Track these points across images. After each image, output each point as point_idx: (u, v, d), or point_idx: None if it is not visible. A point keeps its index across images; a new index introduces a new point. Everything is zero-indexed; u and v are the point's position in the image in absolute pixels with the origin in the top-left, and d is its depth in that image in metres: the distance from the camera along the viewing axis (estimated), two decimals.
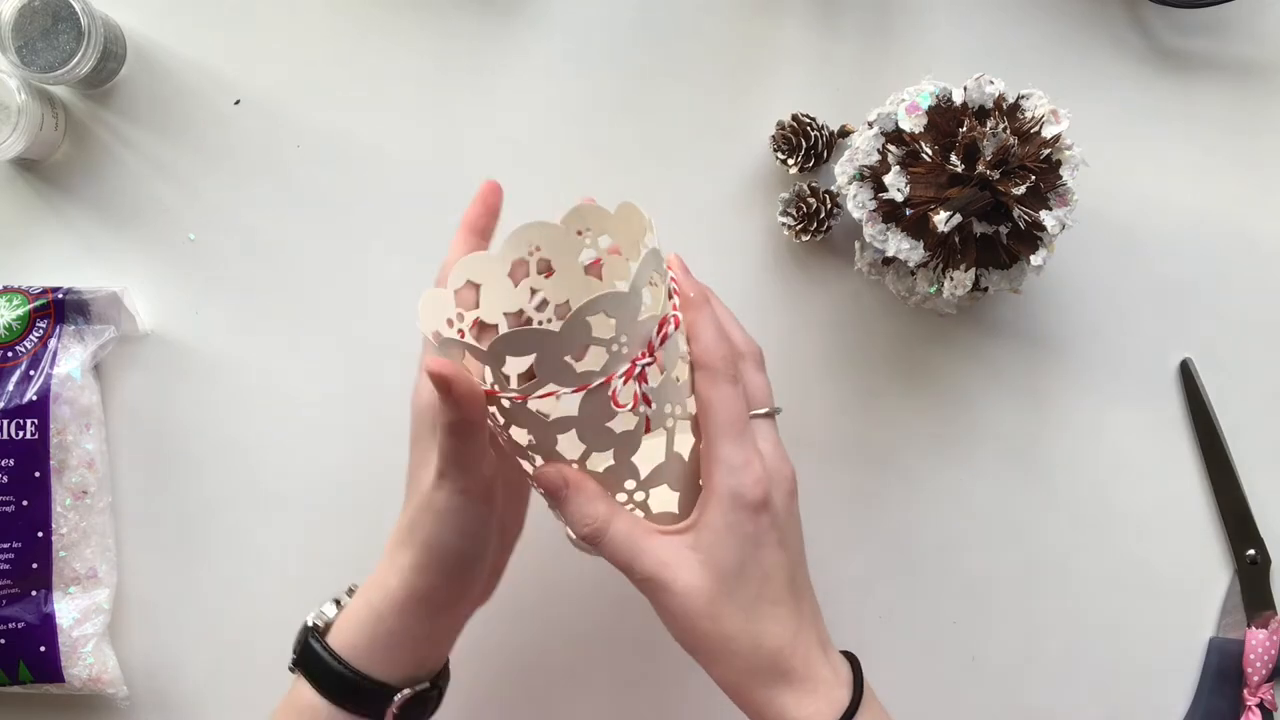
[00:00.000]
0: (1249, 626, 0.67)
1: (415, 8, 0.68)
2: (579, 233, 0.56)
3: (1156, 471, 0.68)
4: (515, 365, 0.52)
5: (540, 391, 0.49)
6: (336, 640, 0.53)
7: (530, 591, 0.68)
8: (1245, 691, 0.67)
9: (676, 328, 0.51)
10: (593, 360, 0.49)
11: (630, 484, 0.52)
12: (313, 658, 0.53)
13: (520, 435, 0.51)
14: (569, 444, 0.51)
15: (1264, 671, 0.66)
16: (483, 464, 0.52)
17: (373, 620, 0.53)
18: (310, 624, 0.54)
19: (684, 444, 0.53)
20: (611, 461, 0.51)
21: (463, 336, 0.55)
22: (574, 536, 0.52)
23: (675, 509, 0.53)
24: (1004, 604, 0.68)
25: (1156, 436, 0.68)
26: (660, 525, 0.53)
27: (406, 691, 0.53)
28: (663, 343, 0.50)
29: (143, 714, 0.68)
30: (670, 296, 0.52)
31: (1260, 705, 0.67)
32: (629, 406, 0.49)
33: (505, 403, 0.50)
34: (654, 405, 0.50)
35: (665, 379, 0.50)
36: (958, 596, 0.68)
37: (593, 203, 0.56)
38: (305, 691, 0.53)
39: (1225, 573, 0.68)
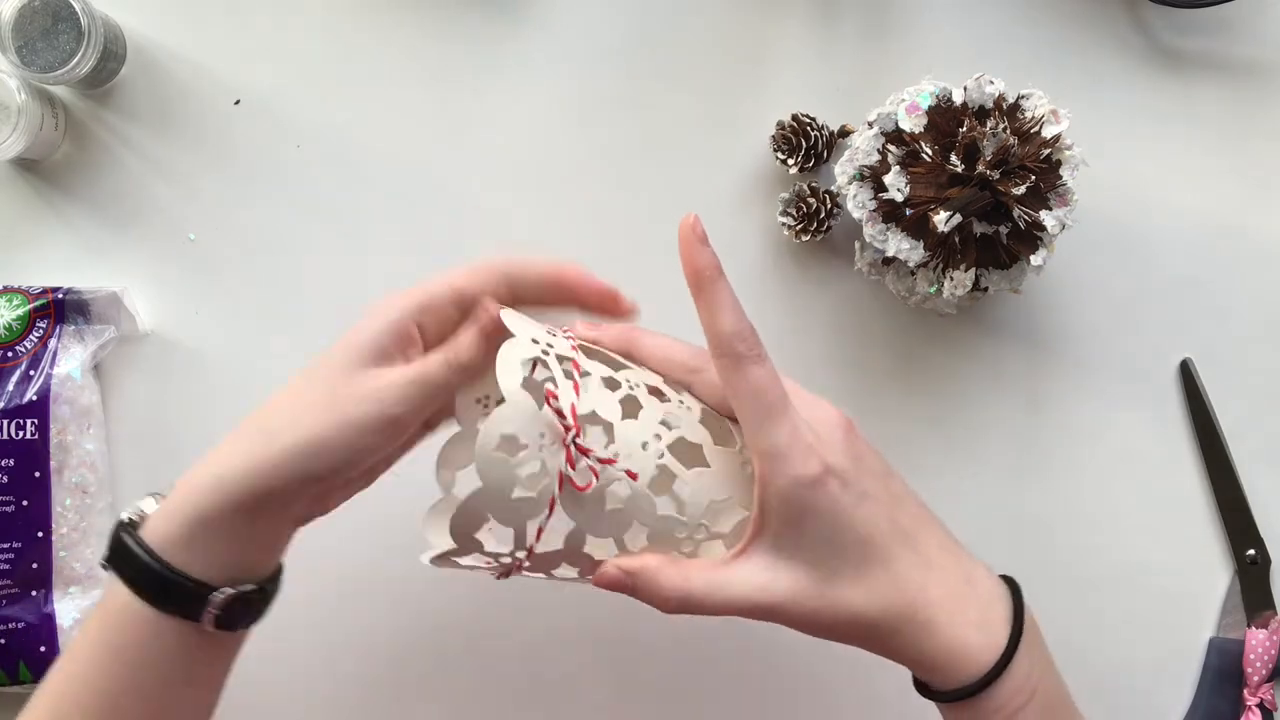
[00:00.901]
0: (1249, 626, 0.67)
1: (416, 8, 0.68)
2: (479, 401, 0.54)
3: (1156, 471, 0.68)
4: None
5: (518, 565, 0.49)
6: (151, 534, 0.48)
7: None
8: (1245, 691, 0.67)
9: (579, 372, 0.48)
10: (529, 483, 0.47)
11: (681, 532, 0.49)
12: (124, 552, 0.48)
13: (561, 572, 0.50)
14: (597, 546, 0.49)
15: (1264, 671, 0.66)
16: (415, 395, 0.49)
17: (194, 514, 0.48)
18: (125, 518, 0.49)
19: (693, 435, 0.49)
20: (645, 529, 0.49)
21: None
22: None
23: (739, 504, 0.50)
24: None
25: (1156, 436, 0.68)
26: (738, 529, 0.50)
27: (229, 590, 0.48)
28: (572, 417, 0.47)
29: None
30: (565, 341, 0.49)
31: (1260, 705, 0.67)
32: (596, 481, 0.47)
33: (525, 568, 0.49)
34: (619, 457, 0.47)
35: (610, 423, 0.48)
36: None
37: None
38: (119, 591, 0.48)
39: (1225, 573, 0.68)
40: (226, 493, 0.48)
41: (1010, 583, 0.51)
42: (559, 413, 0.47)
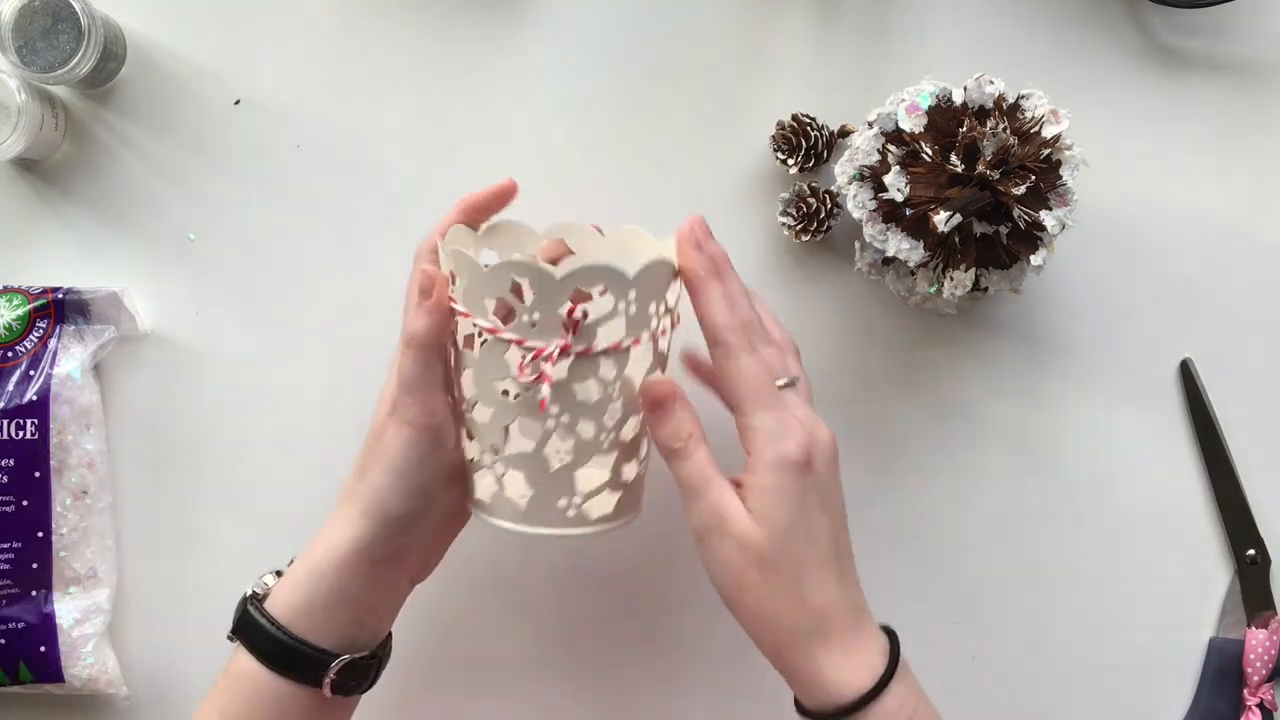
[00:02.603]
0: (1249, 626, 0.67)
1: (416, 8, 0.68)
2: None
3: (1156, 471, 0.68)
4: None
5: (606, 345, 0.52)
6: (275, 605, 0.54)
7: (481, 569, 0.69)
8: (1245, 691, 0.67)
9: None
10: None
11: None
12: (249, 624, 0.54)
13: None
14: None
15: (1264, 671, 0.66)
16: (436, 402, 0.53)
17: (313, 579, 0.53)
18: (250, 592, 0.55)
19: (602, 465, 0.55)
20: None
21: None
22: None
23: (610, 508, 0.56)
24: (1004, 604, 0.68)
25: (1156, 436, 0.68)
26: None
27: (344, 657, 0.53)
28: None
29: (143, 714, 0.68)
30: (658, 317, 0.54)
31: (1260, 705, 0.67)
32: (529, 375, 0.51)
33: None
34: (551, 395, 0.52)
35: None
36: (958, 596, 0.68)
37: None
38: (244, 660, 0.54)
39: (1225, 573, 0.68)
40: (337, 559, 0.53)
41: (889, 631, 0.54)
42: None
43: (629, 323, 0.52)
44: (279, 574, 0.56)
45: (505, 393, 0.53)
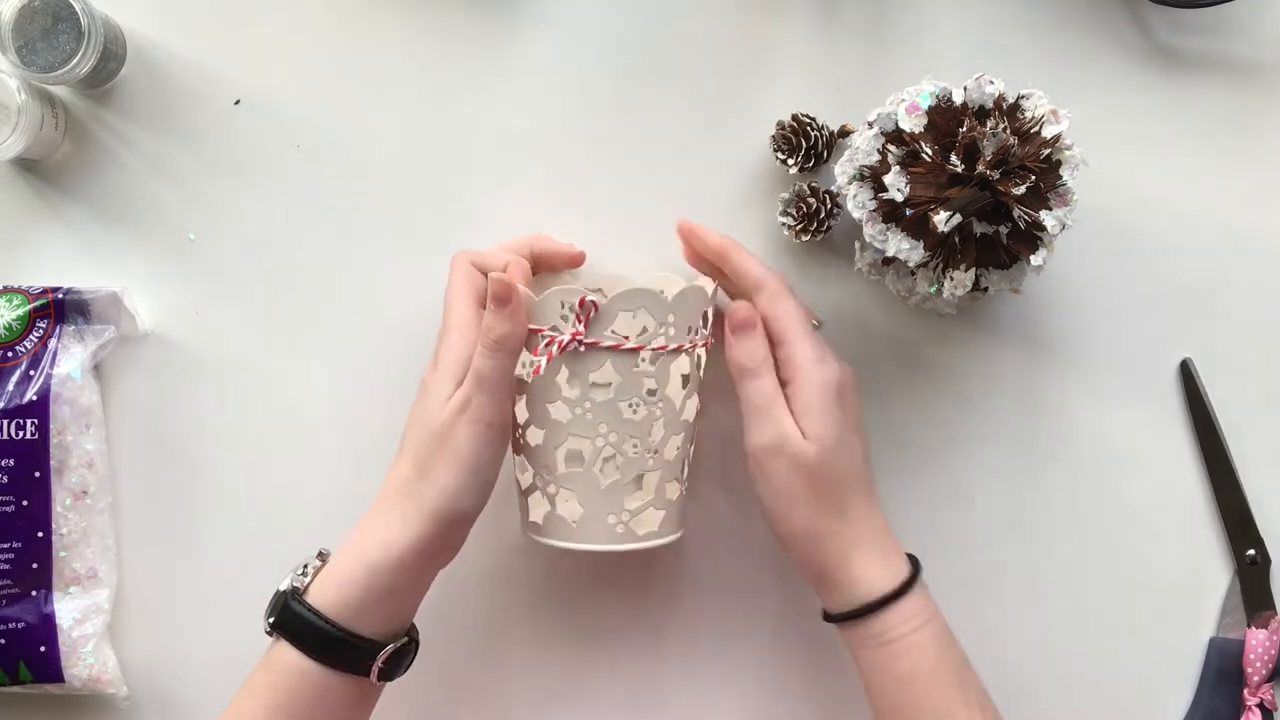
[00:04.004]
0: (1249, 626, 0.67)
1: (416, 8, 0.68)
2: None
3: (1156, 471, 0.68)
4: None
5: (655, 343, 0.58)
6: (323, 600, 0.54)
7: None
8: (1245, 691, 0.67)
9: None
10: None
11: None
12: (295, 619, 0.54)
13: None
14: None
15: (1264, 671, 0.66)
16: (509, 403, 0.56)
17: (368, 577, 0.54)
18: (290, 587, 0.55)
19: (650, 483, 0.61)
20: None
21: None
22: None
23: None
24: (1004, 604, 0.68)
25: (1156, 436, 0.68)
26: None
27: (391, 646, 0.55)
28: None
29: (143, 714, 0.68)
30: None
31: (1260, 705, 0.67)
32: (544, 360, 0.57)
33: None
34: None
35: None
36: (958, 596, 0.68)
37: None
38: (287, 654, 0.54)
39: (1225, 573, 0.68)
40: (395, 557, 0.54)
41: (911, 557, 0.60)
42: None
43: (666, 341, 0.58)
44: (306, 567, 0.56)
45: (556, 415, 0.58)
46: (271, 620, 0.55)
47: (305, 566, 0.56)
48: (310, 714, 0.55)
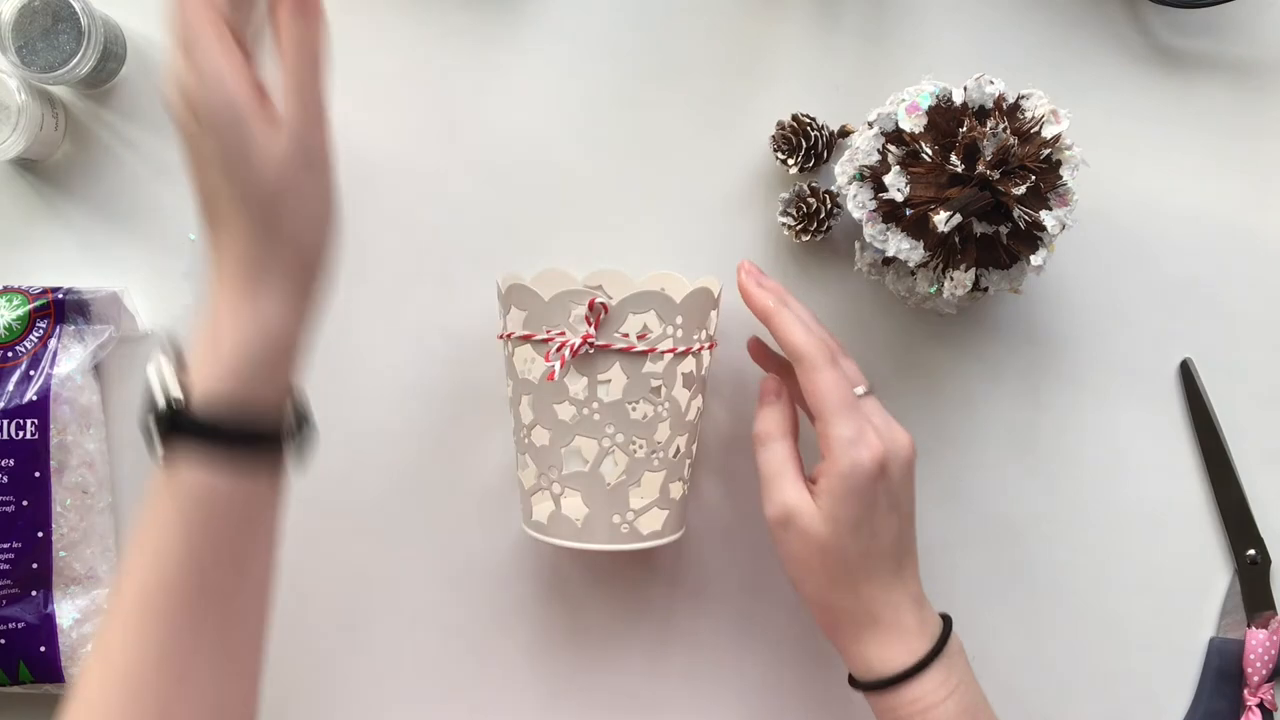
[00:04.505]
0: (1249, 626, 0.67)
1: (415, 8, 0.68)
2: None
3: (1156, 471, 0.68)
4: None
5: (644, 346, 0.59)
6: (211, 403, 0.48)
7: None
8: (1245, 691, 0.67)
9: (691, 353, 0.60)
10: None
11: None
12: (195, 431, 0.48)
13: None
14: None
15: (1264, 671, 0.66)
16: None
17: (246, 365, 0.49)
18: (164, 404, 0.49)
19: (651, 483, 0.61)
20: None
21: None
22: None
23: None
24: (1004, 604, 0.68)
25: (1156, 436, 0.68)
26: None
27: (294, 422, 0.52)
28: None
29: None
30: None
31: (1260, 705, 0.67)
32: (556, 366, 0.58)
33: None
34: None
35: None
36: (958, 596, 0.68)
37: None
38: (193, 475, 0.48)
39: (1225, 573, 0.68)
40: (274, 338, 0.50)
41: (945, 618, 0.59)
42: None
43: (675, 343, 0.59)
44: (165, 366, 0.50)
45: (563, 415, 0.59)
46: (165, 445, 0.49)
47: (161, 375, 0.50)
48: (223, 524, 0.49)
